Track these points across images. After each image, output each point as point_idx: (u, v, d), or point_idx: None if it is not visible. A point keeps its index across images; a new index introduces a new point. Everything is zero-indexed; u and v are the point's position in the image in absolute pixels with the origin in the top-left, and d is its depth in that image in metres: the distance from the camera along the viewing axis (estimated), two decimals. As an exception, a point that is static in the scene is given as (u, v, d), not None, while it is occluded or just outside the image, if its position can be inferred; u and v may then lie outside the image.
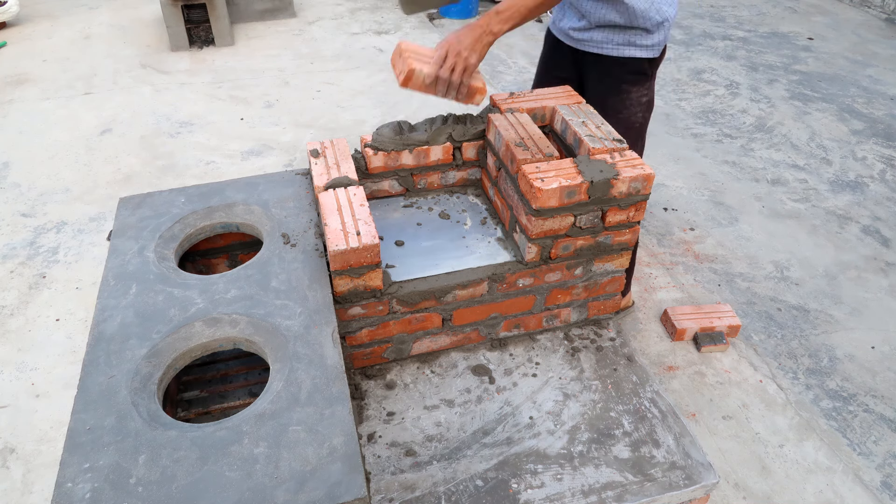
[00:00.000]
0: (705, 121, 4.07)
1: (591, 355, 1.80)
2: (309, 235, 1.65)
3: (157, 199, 1.78)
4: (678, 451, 1.54)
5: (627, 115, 2.10)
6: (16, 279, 2.74)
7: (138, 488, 1.10)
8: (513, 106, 1.89)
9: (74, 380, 2.04)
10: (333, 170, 1.72)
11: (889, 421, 2.23)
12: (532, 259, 1.68)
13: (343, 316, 1.60)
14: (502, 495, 1.44)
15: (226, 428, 1.20)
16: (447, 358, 1.78)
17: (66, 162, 3.55)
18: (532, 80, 2.43)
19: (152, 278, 1.51)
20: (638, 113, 2.10)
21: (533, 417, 1.62)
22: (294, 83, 4.42)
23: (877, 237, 3.10)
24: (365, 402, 1.65)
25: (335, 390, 1.27)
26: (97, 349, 1.34)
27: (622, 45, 2.00)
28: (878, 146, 3.83)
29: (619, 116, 2.09)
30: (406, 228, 1.85)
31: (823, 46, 5.15)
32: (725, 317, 2.49)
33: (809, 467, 2.06)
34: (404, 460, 1.51)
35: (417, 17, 5.58)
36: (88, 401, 1.24)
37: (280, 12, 5.44)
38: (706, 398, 2.27)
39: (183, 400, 1.63)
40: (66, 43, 5.00)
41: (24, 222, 3.09)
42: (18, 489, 1.97)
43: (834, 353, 2.48)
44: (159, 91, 4.30)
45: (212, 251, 1.86)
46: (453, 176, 1.98)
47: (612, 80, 2.07)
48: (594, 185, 1.57)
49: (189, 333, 1.39)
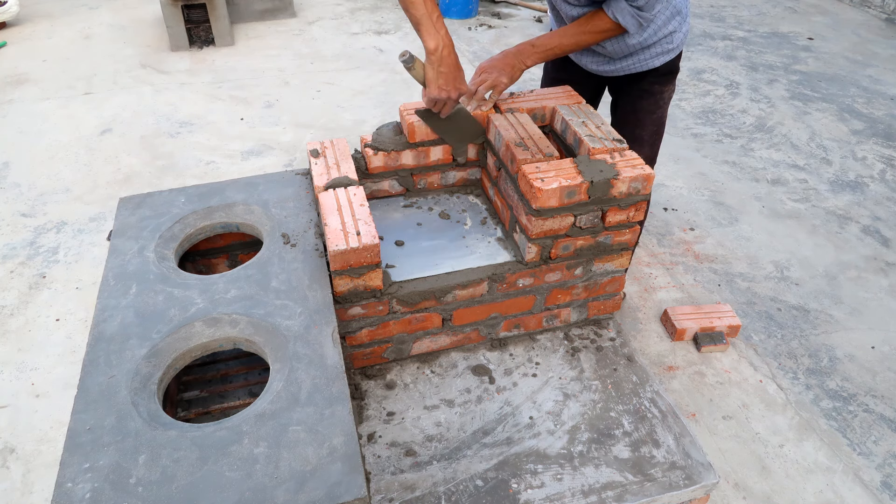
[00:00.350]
0: (705, 121, 4.08)
1: (591, 355, 1.80)
2: (309, 235, 1.65)
3: (157, 199, 1.78)
4: (678, 451, 1.54)
5: (660, 113, 2.12)
6: (16, 279, 2.74)
7: (138, 488, 1.10)
8: (513, 106, 1.89)
9: (74, 380, 2.04)
10: (333, 170, 1.72)
11: (889, 421, 2.23)
12: (532, 259, 1.68)
13: (343, 316, 1.60)
14: (502, 495, 1.44)
15: (226, 428, 1.20)
16: (447, 358, 1.78)
17: (66, 162, 3.55)
18: (532, 80, 2.43)
19: (152, 278, 1.51)
20: (667, 106, 2.13)
21: (533, 417, 1.61)
22: (294, 83, 4.42)
23: (877, 237, 3.10)
24: (365, 402, 1.65)
25: (335, 390, 1.27)
26: (97, 349, 1.34)
27: (649, 59, 2.00)
28: (878, 146, 3.83)
29: (653, 116, 2.11)
30: (406, 228, 1.85)
31: (823, 46, 5.15)
32: (725, 317, 2.49)
33: (809, 467, 2.06)
34: (404, 460, 1.51)
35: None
36: (88, 401, 1.24)
37: (280, 12, 5.44)
38: (706, 398, 2.27)
39: (183, 400, 1.63)
40: (66, 43, 5.00)
41: (24, 222, 3.09)
42: (18, 489, 1.97)
43: (834, 353, 2.48)
44: (159, 91, 4.30)
45: (212, 251, 1.86)
46: (453, 176, 1.98)
47: (643, 83, 2.08)
48: (594, 185, 1.57)
49: (189, 333, 1.39)
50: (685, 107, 4.23)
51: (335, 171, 1.72)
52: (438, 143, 1.87)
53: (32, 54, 4.80)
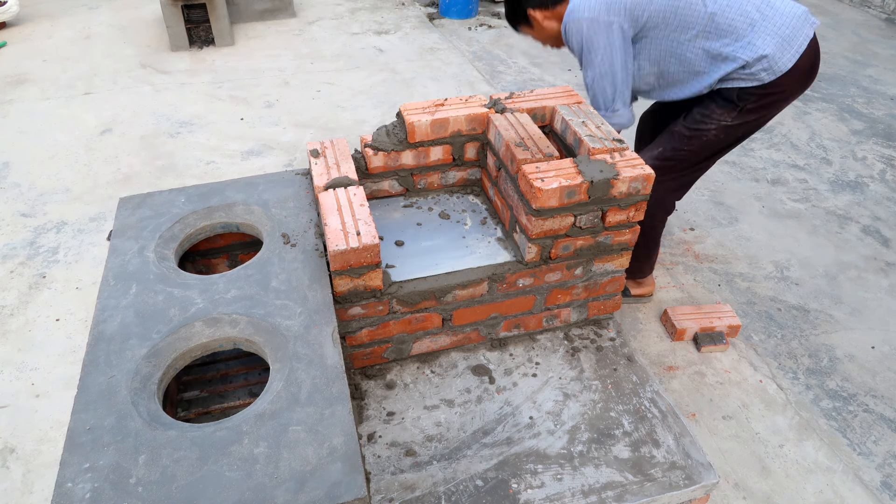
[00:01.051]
0: (705, 121, 4.07)
1: (591, 355, 1.80)
2: (309, 235, 1.65)
3: (157, 199, 1.78)
4: (678, 451, 1.54)
5: (704, 129, 2.09)
6: (16, 279, 2.74)
7: (138, 488, 1.10)
8: (513, 106, 1.89)
9: (74, 380, 2.04)
10: (333, 170, 1.72)
11: (889, 421, 2.23)
12: (532, 259, 1.68)
13: (343, 316, 1.60)
14: (502, 495, 1.44)
15: (226, 428, 1.20)
16: (447, 358, 1.78)
17: (66, 162, 3.55)
18: (532, 80, 2.43)
19: (152, 278, 1.51)
20: (712, 130, 2.08)
21: (533, 417, 1.61)
22: (294, 83, 4.42)
23: (877, 237, 3.10)
24: (365, 402, 1.65)
25: (335, 390, 1.27)
26: (97, 349, 1.34)
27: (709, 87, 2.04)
28: (878, 146, 3.83)
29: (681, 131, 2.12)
30: (406, 228, 1.85)
31: (823, 46, 5.14)
32: (725, 317, 2.49)
33: (809, 467, 2.06)
34: (404, 460, 1.50)
35: (417, 16, 5.58)
36: (88, 401, 1.24)
37: (280, 12, 5.44)
38: (706, 398, 2.27)
39: (183, 400, 1.63)
40: (66, 43, 5.00)
41: (24, 222, 3.09)
42: (18, 489, 1.97)
43: (834, 353, 2.48)
44: (159, 91, 4.30)
45: (212, 251, 1.86)
46: (453, 176, 1.98)
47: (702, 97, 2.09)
48: (594, 185, 1.57)
49: (189, 333, 1.39)
50: (685, 107, 4.23)
51: (335, 171, 1.72)
52: (438, 143, 1.87)
53: (32, 54, 4.80)
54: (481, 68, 4.64)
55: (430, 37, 5.19)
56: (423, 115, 1.82)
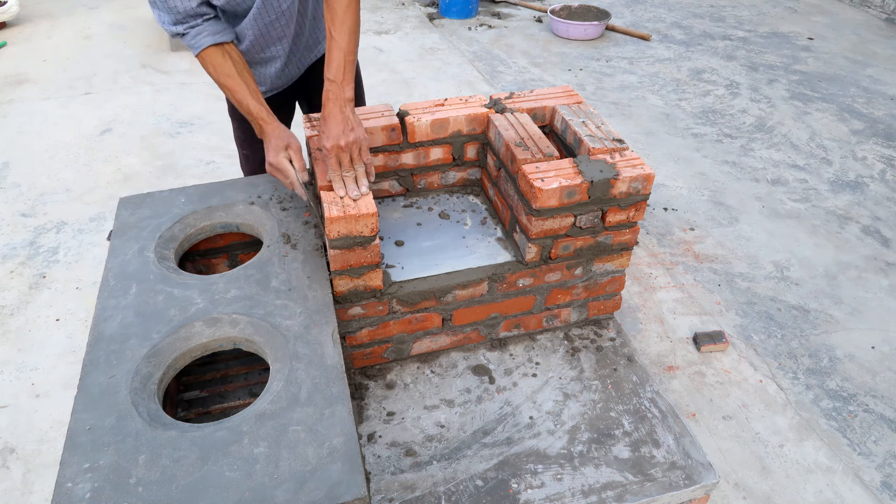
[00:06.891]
0: (705, 121, 4.07)
1: (591, 355, 1.80)
2: (309, 235, 1.65)
3: (157, 199, 1.78)
4: (678, 451, 1.54)
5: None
6: (16, 279, 2.74)
7: (138, 488, 1.10)
8: (513, 106, 1.89)
9: (74, 380, 2.04)
10: (333, 170, 1.72)
11: (889, 421, 2.23)
12: (532, 259, 1.68)
13: (343, 316, 1.60)
14: (502, 495, 1.44)
15: (226, 428, 1.20)
16: (447, 358, 1.78)
17: (66, 162, 3.55)
18: (532, 80, 2.42)
19: (152, 278, 1.51)
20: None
21: (533, 417, 1.61)
22: (294, 83, 4.42)
23: (877, 237, 3.10)
24: (365, 402, 1.65)
25: (335, 390, 1.27)
26: (97, 349, 1.34)
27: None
28: (878, 146, 3.83)
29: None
30: (406, 228, 1.85)
31: (823, 46, 5.15)
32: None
33: (809, 467, 2.06)
34: (404, 460, 1.51)
35: (417, 16, 5.58)
36: (88, 401, 1.24)
37: (280, 12, 5.44)
38: (706, 398, 2.27)
39: (183, 400, 1.63)
40: (66, 43, 5.00)
41: (24, 222, 3.09)
42: (18, 489, 1.97)
43: (834, 353, 2.48)
44: (159, 91, 4.30)
45: (212, 251, 1.86)
46: (453, 176, 1.98)
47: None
48: (594, 185, 1.57)
49: (189, 333, 1.39)
50: (685, 107, 4.23)
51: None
52: (438, 143, 1.88)
53: (32, 54, 4.80)
54: (481, 68, 4.64)
55: (430, 37, 5.19)
56: (424, 115, 1.82)
